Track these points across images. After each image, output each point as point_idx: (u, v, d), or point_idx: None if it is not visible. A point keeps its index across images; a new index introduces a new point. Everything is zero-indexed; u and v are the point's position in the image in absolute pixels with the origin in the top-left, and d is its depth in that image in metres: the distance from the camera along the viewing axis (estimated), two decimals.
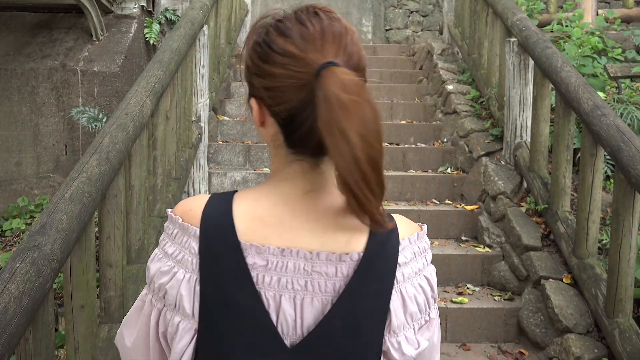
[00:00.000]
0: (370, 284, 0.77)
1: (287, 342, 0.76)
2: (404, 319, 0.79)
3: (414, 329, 0.80)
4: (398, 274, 0.79)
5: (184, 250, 0.78)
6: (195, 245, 0.77)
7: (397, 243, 0.80)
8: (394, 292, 0.78)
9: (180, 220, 0.80)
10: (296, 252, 0.76)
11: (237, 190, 0.83)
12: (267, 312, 0.75)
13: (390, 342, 0.78)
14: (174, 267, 0.78)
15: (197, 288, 0.76)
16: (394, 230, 0.81)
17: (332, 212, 0.79)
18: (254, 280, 0.76)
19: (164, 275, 0.79)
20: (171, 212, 0.82)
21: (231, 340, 0.76)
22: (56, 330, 2.89)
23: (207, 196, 0.82)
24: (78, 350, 2.03)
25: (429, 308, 0.82)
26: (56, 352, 2.51)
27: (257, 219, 0.78)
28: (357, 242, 0.78)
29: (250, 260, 0.76)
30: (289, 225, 0.78)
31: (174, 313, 0.78)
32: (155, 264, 0.81)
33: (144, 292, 0.83)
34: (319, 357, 0.76)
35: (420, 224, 0.87)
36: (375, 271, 0.78)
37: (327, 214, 0.79)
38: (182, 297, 0.77)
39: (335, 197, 0.80)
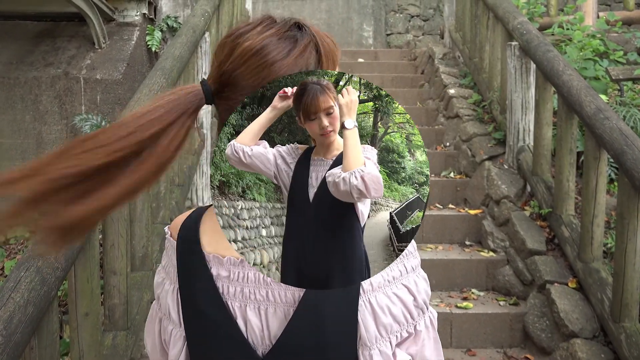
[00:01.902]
0: (331, 292, 0.74)
1: (259, 352, 0.76)
2: (375, 331, 0.74)
3: (390, 342, 0.75)
4: (364, 282, 0.74)
5: (170, 263, 0.83)
6: (174, 257, 0.82)
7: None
8: (361, 301, 0.74)
9: (168, 235, 0.86)
10: None
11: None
12: (236, 322, 0.76)
13: (363, 355, 0.74)
14: (165, 278, 0.84)
15: (178, 297, 0.81)
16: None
17: None
18: (220, 291, 0.77)
19: (159, 286, 0.85)
20: (167, 227, 0.88)
21: (208, 348, 0.79)
22: (61, 337, 2.89)
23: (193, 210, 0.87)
24: (83, 357, 2.03)
25: (412, 319, 0.76)
26: None
27: (219, 230, 0.81)
28: None
29: (214, 271, 0.78)
30: None
31: (168, 321, 0.83)
32: (156, 276, 0.87)
33: (154, 301, 0.88)
34: None
35: None
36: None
37: None
38: (169, 306, 0.82)
39: None
